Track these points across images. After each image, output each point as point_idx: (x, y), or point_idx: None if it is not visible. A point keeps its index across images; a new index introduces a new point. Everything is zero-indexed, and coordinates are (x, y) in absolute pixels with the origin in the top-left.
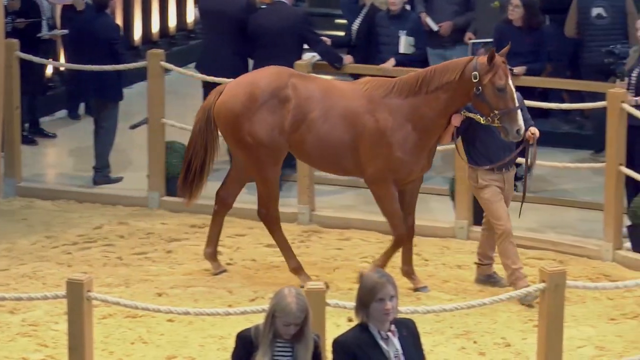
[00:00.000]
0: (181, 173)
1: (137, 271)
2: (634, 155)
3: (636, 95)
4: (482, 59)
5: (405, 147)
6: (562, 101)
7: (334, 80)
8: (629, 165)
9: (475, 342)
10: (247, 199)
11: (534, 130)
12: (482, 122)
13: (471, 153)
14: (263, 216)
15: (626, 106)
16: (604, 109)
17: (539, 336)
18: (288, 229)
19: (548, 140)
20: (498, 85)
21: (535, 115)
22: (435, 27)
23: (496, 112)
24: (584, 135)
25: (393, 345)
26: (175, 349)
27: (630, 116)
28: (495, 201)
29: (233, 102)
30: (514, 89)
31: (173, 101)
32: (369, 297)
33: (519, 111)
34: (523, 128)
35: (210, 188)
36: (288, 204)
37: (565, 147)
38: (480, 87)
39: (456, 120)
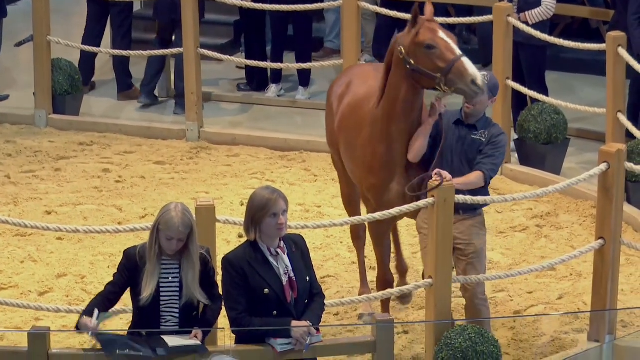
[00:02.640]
0: None
1: (26, 190)
2: (521, 71)
3: (519, 12)
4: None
5: (371, 166)
6: (449, 15)
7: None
8: (517, 80)
9: (366, 257)
10: (135, 115)
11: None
12: (440, 97)
13: None
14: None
15: (512, 20)
16: (490, 23)
17: (429, 250)
18: (177, 146)
19: None
20: (425, 43)
21: None
22: None
23: (438, 75)
24: (471, 49)
25: (282, 262)
26: (65, 267)
27: (516, 32)
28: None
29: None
30: (448, 39)
31: (59, 19)
32: (261, 213)
33: (463, 59)
34: (479, 75)
35: (98, 103)
36: (176, 120)
37: None
38: (410, 59)
39: (439, 106)
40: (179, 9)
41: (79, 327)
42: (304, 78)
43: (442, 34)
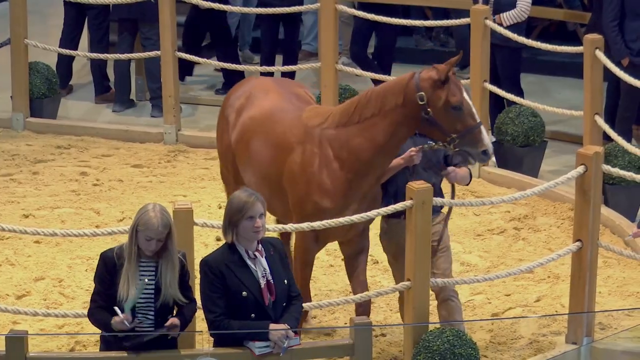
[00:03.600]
0: None
1: (3, 193)
2: (497, 73)
3: (494, 14)
4: (426, 73)
5: (327, 189)
6: (426, 18)
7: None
8: (494, 82)
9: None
10: (112, 118)
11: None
12: (428, 148)
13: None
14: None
15: (489, 23)
16: (467, 25)
17: (407, 253)
18: (154, 149)
19: (412, 57)
20: (453, 103)
21: (399, 32)
22: None
23: (453, 136)
24: (448, 52)
25: (261, 265)
26: (42, 270)
27: (492, 34)
28: None
29: None
30: (471, 103)
31: (35, 20)
32: (238, 215)
33: (481, 128)
34: (490, 147)
35: (76, 107)
36: (154, 123)
37: (429, 63)
38: (429, 109)
39: (417, 158)
40: (141, 8)
41: (114, 329)
42: None
43: (466, 95)
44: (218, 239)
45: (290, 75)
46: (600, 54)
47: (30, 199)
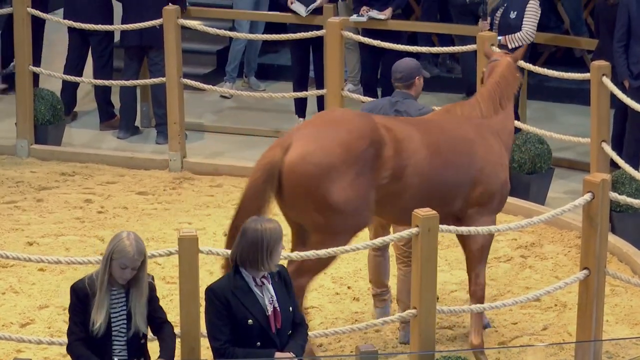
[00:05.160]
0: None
1: (7, 220)
2: None
3: (499, 35)
4: (512, 57)
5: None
6: (432, 44)
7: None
8: None
9: (349, 288)
10: (117, 145)
11: None
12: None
13: None
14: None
15: (496, 49)
16: (473, 52)
17: (413, 280)
18: (159, 176)
19: None
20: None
21: None
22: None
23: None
24: (455, 78)
25: (268, 292)
26: (47, 298)
27: None
28: None
29: (321, 155)
30: None
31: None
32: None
33: None
34: None
35: (80, 133)
36: (159, 150)
37: (436, 90)
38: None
39: None
40: (150, 35)
41: None
42: (302, 108)
43: None
44: (224, 267)
45: (302, 102)
46: (607, 81)
47: (35, 227)
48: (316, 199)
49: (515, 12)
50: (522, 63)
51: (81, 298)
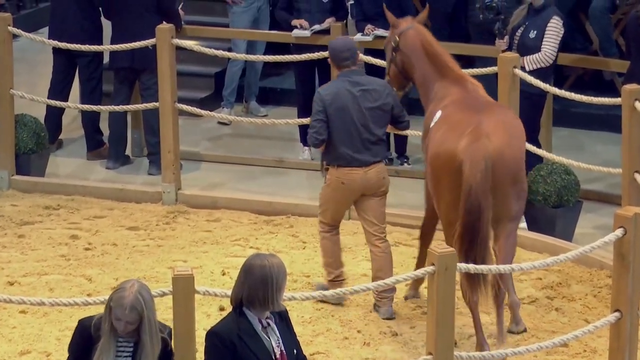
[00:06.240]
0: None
1: None
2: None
3: (520, 56)
4: (417, 19)
5: None
6: None
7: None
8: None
9: (359, 332)
10: (106, 176)
11: None
12: None
13: None
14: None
15: (518, 71)
16: (494, 74)
17: (428, 323)
18: (152, 210)
19: None
20: None
21: None
22: None
23: None
24: None
25: (274, 333)
26: (29, 343)
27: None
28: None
29: (520, 144)
30: None
31: (22, 69)
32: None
33: None
34: None
35: (66, 163)
36: (151, 182)
37: None
38: None
39: None
40: (142, 56)
41: None
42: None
43: None
44: (222, 309)
45: (307, 128)
46: (639, 106)
47: (16, 265)
48: (518, 185)
49: (535, 32)
50: (547, 87)
51: (84, 337)
